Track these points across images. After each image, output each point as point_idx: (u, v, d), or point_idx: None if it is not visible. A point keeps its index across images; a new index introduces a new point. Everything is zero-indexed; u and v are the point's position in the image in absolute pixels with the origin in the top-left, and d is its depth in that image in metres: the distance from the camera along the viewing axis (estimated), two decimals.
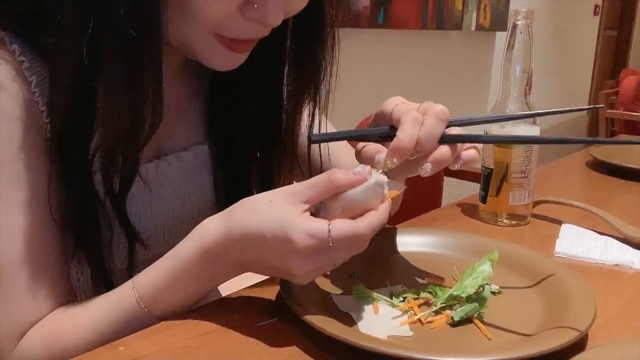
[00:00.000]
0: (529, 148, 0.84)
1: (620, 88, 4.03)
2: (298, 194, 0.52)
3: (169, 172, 0.69)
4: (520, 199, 0.87)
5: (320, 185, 0.52)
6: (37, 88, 0.57)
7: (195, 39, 0.58)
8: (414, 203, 1.41)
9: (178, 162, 0.71)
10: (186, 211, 0.72)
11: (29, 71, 0.57)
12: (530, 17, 0.82)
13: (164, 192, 0.69)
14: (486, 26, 3.55)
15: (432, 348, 0.53)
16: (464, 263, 0.64)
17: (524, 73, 0.84)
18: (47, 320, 0.58)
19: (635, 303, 0.64)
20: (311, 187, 0.52)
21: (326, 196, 0.52)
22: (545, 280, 0.64)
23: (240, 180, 0.76)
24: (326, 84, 0.70)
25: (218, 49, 0.58)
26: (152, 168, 0.68)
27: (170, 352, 0.52)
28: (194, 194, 0.72)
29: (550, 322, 0.56)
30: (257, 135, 0.74)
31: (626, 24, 6.26)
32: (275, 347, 0.53)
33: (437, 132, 0.58)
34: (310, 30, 0.67)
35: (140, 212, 0.67)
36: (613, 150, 1.29)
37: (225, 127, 0.74)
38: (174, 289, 0.56)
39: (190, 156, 0.72)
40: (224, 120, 0.74)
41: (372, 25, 2.69)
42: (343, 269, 0.66)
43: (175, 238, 0.71)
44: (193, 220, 0.72)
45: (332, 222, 0.50)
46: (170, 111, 0.69)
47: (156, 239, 0.69)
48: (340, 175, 0.51)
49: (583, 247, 0.78)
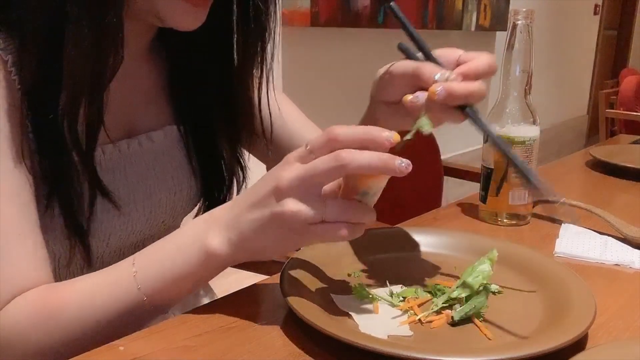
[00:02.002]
0: (529, 148, 0.84)
1: (620, 88, 4.03)
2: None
3: (141, 151, 0.72)
4: (520, 199, 0.87)
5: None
6: (13, 67, 0.59)
7: (157, 1, 0.61)
8: (414, 203, 1.41)
9: (149, 141, 0.74)
10: (162, 187, 0.75)
11: (4, 51, 0.59)
12: (530, 17, 0.82)
13: (139, 168, 0.72)
14: (486, 26, 3.56)
15: (432, 348, 0.53)
16: (464, 263, 0.64)
17: (524, 73, 0.84)
18: (37, 289, 0.58)
19: (635, 303, 0.64)
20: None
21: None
22: (545, 280, 0.64)
23: (213, 157, 0.80)
24: (271, 46, 0.73)
25: (181, 7, 0.62)
26: (123, 146, 0.70)
27: (170, 352, 0.52)
28: (169, 171, 0.75)
29: (550, 321, 0.56)
30: (220, 111, 0.77)
31: (626, 23, 6.26)
32: (275, 347, 0.53)
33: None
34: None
35: (118, 186, 0.69)
36: (613, 150, 1.29)
37: (190, 108, 0.78)
38: (177, 286, 0.57)
39: (161, 136, 0.75)
40: (189, 101, 0.78)
41: (372, 25, 2.69)
42: (343, 269, 0.66)
43: (155, 214, 0.74)
44: (170, 197, 0.76)
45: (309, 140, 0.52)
46: (140, 92, 0.74)
47: (137, 213, 0.71)
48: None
49: (583, 247, 0.78)
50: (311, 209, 0.51)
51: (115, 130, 0.69)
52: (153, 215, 0.74)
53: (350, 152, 0.50)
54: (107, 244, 0.69)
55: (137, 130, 0.73)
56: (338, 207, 0.51)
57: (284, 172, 0.52)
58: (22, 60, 0.59)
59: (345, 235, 0.52)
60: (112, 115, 0.66)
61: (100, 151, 0.67)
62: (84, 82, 0.58)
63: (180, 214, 0.79)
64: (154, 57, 0.77)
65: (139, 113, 0.74)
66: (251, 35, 0.72)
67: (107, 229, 0.68)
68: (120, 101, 0.69)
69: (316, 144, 0.52)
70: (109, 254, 0.70)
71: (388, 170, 0.50)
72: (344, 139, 0.51)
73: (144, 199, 0.72)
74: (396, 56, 0.67)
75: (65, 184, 0.62)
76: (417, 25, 2.99)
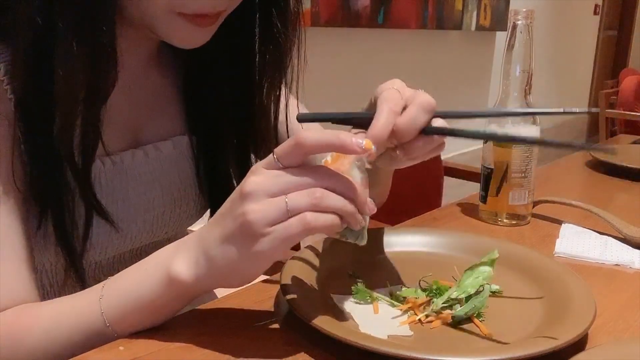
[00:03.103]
0: (529, 148, 0.84)
1: (620, 88, 4.03)
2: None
3: (146, 162, 0.70)
4: (520, 199, 0.87)
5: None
6: (5, 77, 0.57)
7: (156, 18, 0.58)
8: (414, 203, 1.41)
9: (156, 152, 0.71)
10: (167, 200, 0.72)
11: None
12: (530, 17, 0.82)
13: (142, 181, 0.69)
14: (486, 26, 3.56)
15: (432, 348, 0.53)
16: (464, 263, 0.64)
17: (524, 73, 0.84)
18: (13, 310, 0.56)
19: (635, 303, 0.64)
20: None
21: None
22: (545, 280, 0.64)
23: (221, 169, 0.77)
24: (293, 67, 0.71)
25: (181, 26, 0.58)
26: (127, 157, 0.67)
27: (170, 352, 0.52)
28: (175, 183, 0.73)
29: (550, 322, 0.56)
30: (233, 124, 0.75)
31: (626, 24, 6.26)
32: (275, 347, 0.53)
33: (419, 122, 0.56)
34: (275, 10, 0.68)
35: (117, 200, 0.66)
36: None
37: (203, 118, 0.75)
38: (140, 314, 0.54)
39: (170, 146, 0.72)
40: (202, 111, 0.75)
41: (372, 25, 2.70)
42: (343, 269, 0.66)
43: (156, 227, 0.71)
44: (175, 209, 0.73)
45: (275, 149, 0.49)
46: (147, 100, 0.71)
47: (137, 228, 0.69)
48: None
49: (583, 247, 0.78)
50: (273, 204, 0.47)
51: (120, 141, 0.66)
52: (154, 228, 0.71)
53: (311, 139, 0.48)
54: (103, 257, 0.67)
55: (144, 140, 0.71)
56: (301, 194, 0.48)
57: (248, 179, 0.49)
58: (12, 72, 0.57)
59: (310, 220, 0.47)
60: (117, 125, 0.65)
61: (100, 163, 0.64)
62: (76, 101, 0.56)
63: (184, 225, 0.77)
64: (164, 63, 0.74)
65: (146, 122, 0.71)
66: (271, 54, 0.70)
67: (102, 245, 0.66)
68: (126, 110, 0.67)
69: (283, 151, 0.49)
70: (106, 264, 0.68)
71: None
72: (311, 144, 0.48)
73: (144, 212, 0.69)
74: (396, 56, 0.67)
75: (58, 203, 0.59)
76: (417, 25, 2.99)
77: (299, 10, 0.70)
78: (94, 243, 0.64)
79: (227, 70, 0.72)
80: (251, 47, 0.70)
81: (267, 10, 0.68)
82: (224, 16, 0.62)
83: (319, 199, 0.48)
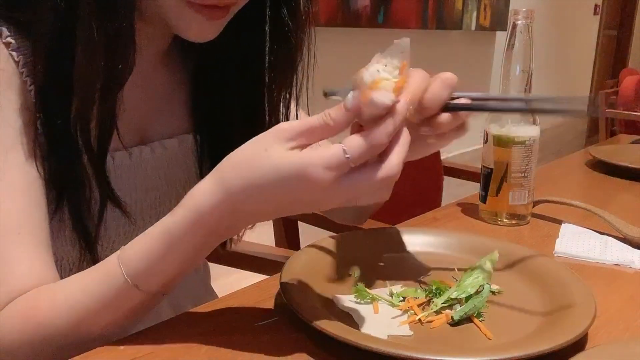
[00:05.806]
0: (529, 148, 0.84)
1: (620, 88, 4.03)
2: (292, 140, 0.50)
3: (153, 158, 0.71)
4: (520, 199, 0.87)
5: (318, 129, 0.50)
6: (24, 68, 0.59)
7: (167, 8, 0.59)
8: (414, 203, 1.41)
9: (162, 149, 0.72)
10: (173, 194, 0.73)
11: (16, 52, 0.59)
12: (530, 17, 0.83)
13: (148, 177, 0.70)
14: (486, 26, 3.55)
15: (432, 348, 0.53)
16: (464, 263, 0.64)
17: (524, 73, 0.84)
18: (26, 295, 0.56)
19: (635, 303, 0.64)
20: (307, 132, 0.50)
21: (324, 138, 0.50)
22: (545, 280, 0.64)
23: None
24: (303, 67, 0.72)
25: (192, 17, 0.59)
26: (135, 152, 0.69)
27: (170, 351, 0.52)
28: (180, 180, 0.74)
29: (550, 322, 0.56)
30: (240, 126, 0.75)
31: (626, 24, 6.26)
32: (275, 347, 0.53)
33: (443, 95, 0.57)
34: (287, 9, 0.68)
35: (125, 195, 0.67)
36: (613, 150, 1.29)
37: (210, 118, 0.76)
38: (166, 262, 0.53)
39: (175, 144, 0.73)
40: (209, 111, 0.76)
41: (372, 25, 2.69)
42: (343, 269, 0.66)
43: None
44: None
45: (344, 142, 0.48)
46: (155, 98, 0.72)
47: (143, 222, 0.69)
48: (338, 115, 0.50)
49: (583, 247, 0.78)
50: (360, 193, 0.49)
51: (128, 136, 0.67)
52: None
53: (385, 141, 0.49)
54: (111, 249, 0.67)
55: (151, 137, 0.72)
56: (357, 139, 0.48)
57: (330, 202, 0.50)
58: (34, 62, 0.59)
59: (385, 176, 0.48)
60: (125, 120, 0.65)
61: (110, 157, 0.65)
62: (94, 86, 0.58)
63: None
64: (173, 63, 0.74)
65: (153, 120, 0.72)
66: (281, 54, 0.70)
67: (113, 236, 0.67)
68: (135, 106, 0.67)
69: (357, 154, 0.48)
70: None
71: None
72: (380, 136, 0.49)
73: (151, 208, 0.71)
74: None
75: (75, 189, 0.61)
76: (417, 25, 2.99)
77: (309, 10, 0.70)
78: (105, 233, 0.65)
79: (237, 70, 0.73)
80: (261, 47, 0.71)
81: (278, 9, 0.69)
82: (234, 11, 0.62)
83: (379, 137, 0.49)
